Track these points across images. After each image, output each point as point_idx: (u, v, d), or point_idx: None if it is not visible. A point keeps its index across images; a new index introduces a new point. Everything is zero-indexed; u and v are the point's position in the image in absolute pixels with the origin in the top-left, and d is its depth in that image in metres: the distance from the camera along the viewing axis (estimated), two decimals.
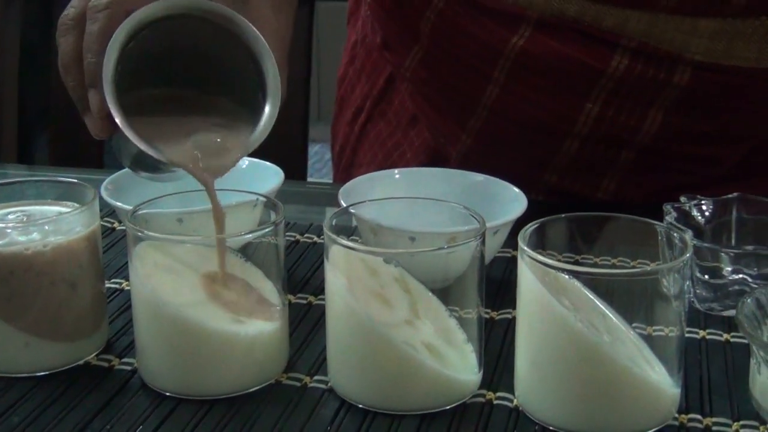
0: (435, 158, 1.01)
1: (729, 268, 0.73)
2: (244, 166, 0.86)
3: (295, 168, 1.33)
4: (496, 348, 0.70)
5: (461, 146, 0.98)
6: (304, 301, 0.77)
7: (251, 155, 0.74)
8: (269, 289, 0.67)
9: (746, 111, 0.92)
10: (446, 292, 0.65)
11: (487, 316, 0.74)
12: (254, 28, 0.69)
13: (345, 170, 1.11)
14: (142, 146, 0.66)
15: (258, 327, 0.65)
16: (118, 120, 0.65)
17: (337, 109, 1.15)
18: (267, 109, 0.70)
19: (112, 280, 0.80)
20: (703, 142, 0.93)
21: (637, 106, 0.90)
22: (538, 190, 0.97)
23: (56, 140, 1.36)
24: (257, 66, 0.70)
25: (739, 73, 0.87)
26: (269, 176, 0.83)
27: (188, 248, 0.66)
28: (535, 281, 0.61)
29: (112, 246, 0.86)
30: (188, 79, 0.72)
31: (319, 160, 3.16)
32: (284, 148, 1.28)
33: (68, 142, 1.33)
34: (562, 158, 0.94)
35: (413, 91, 1.01)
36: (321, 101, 3.35)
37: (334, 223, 0.66)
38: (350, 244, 0.63)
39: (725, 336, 0.72)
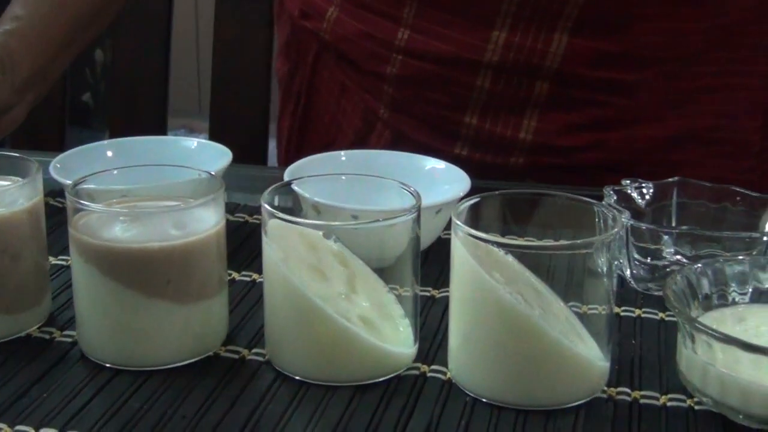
0: (366, 120, 1.04)
1: (666, 249, 0.74)
2: (193, 146, 0.87)
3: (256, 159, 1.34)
4: (435, 324, 0.72)
5: (385, 98, 1.01)
6: (248, 279, 0.78)
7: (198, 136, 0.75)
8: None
9: (646, 29, 0.94)
10: (385, 270, 0.66)
11: (428, 294, 0.75)
12: None
13: (293, 159, 1.12)
14: None
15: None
16: None
17: (281, 108, 1.17)
18: None
19: (60, 257, 0.80)
20: (612, 65, 0.95)
21: (541, 29, 0.93)
22: (463, 140, 0.98)
23: None
24: None
25: None
26: (217, 156, 0.84)
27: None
28: (467, 255, 0.62)
29: (61, 224, 0.86)
30: None
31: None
32: (245, 140, 1.29)
33: (27, 126, 1.33)
34: (479, 94, 0.96)
35: (337, 57, 1.04)
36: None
37: (271, 197, 0.66)
38: (287, 217, 0.64)
39: (660, 315, 0.73)
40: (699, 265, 0.67)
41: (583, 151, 0.98)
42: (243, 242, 0.84)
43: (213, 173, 0.71)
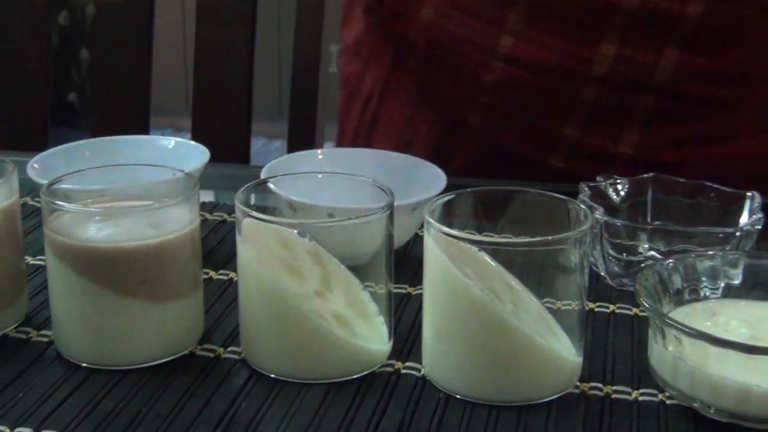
0: (451, 127, 1.01)
1: (640, 245, 0.75)
2: (170, 145, 0.87)
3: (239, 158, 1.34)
4: (410, 321, 0.72)
5: (479, 106, 0.98)
6: (226, 277, 0.78)
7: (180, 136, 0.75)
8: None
9: (763, 48, 0.91)
10: (360, 268, 0.66)
11: (404, 291, 0.76)
12: None
13: None
14: None
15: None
16: None
17: (345, 110, 1.14)
18: None
19: (38, 257, 0.80)
20: (720, 82, 0.92)
21: (652, 42, 0.90)
22: (560, 151, 0.96)
23: None
24: None
25: (754, 4, 0.87)
26: (195, 155, 0.84)
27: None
28: (439, 253, 0.63)
29: (40, 225, 0.87)
30: None
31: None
32: (228, 139, 1.29)
33: (12, 125, 1.34)
34: (582, 106, 0.93)
35: (424, 59, 1.01)
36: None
37: (246, 196, 0.67)
38: (260, 215, 0.64)
39: (634, 310, 0.73)
40: (671, 260, 0.67)
41: (685, 166, 0.94)
42: (221, 241, 0.84)
43: (187, 172, 0.71)
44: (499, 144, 0.99)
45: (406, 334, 0.70)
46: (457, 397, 0.63)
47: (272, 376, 0.65)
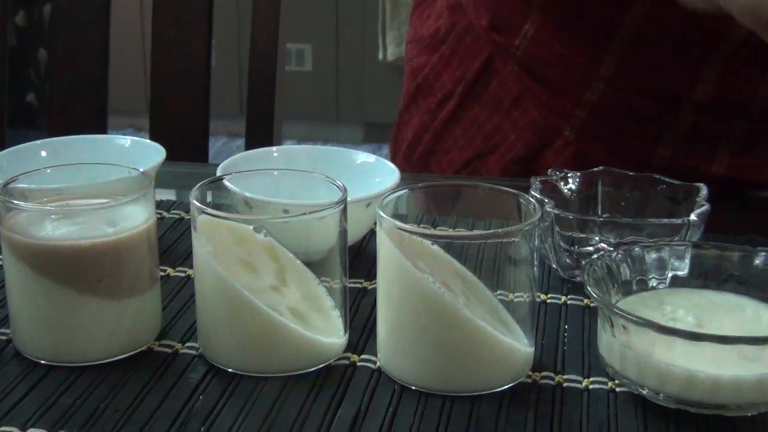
0: (544, 136, 1.01)
1: (591, 237, 0.76)
2: (126, 144, 0.88)
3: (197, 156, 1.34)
4: (366, 314, 0.73)
5: (574, 121, 0.98)
6: (183, 274, 0.79)
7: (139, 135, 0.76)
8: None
9: None
10: (315, 263, 0.67)
11: (360, 285, 0.77)
12: None
13: (423, 158, 1.10)
14: None
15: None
16: None
17: (409, 101, 1.13)
18: None
19: None
20: None
21: (753, 73, 0.90)
22: (655, 167, 0.95)
23: None
24: None
25: None
26: (151, 154, 0.85)
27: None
28: (391, 246, 0.64)
29: None
30: None
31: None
32: (186, 138, 1.30)
33: None
34: (678, 128, 0.94)
35: (521, 70, 1.01)
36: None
37: (201, 193, 0.68)
38: (215, 212, 0.65)
39: (585, 301, 0.75)
40: (619, 251, 0.69)
41: None
42: (179, 239, 0.85)
43: (142, 170, 0.72)
44: (590, 157, 0.98)
45: (362, 328, 0.71)
46: (412, 388, 0.65)
47: (229, 370, 0.66)
